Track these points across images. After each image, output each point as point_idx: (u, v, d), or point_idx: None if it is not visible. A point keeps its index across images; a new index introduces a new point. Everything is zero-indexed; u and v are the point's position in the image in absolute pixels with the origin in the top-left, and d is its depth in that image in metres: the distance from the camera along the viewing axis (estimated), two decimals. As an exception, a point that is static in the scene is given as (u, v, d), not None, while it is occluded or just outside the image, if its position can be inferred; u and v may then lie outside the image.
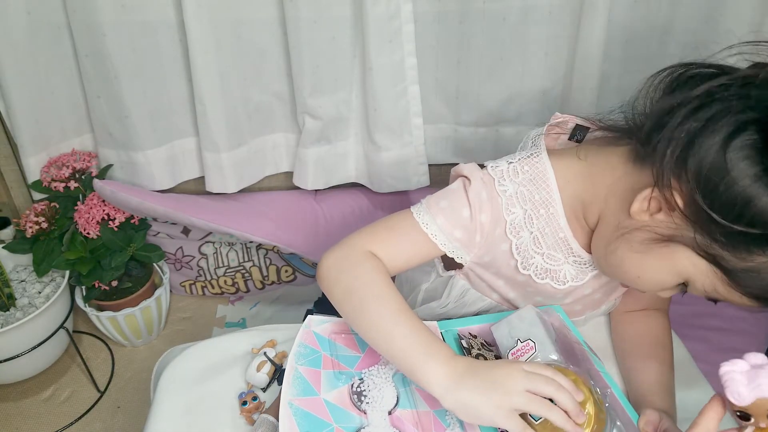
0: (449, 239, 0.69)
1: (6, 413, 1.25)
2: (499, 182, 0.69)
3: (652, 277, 0.62)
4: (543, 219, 0.69)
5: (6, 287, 1.21)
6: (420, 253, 0.71)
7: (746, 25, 1.15)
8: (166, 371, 0.77)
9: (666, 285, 0.61)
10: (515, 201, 0.69)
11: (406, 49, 1.14)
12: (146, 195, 1.22)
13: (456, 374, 0.58)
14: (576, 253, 0.71)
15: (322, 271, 0.69)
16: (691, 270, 0.57)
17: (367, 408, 0.61)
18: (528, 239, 0.70)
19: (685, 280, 0.59)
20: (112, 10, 1.07)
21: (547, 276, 0.72)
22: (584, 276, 0.72)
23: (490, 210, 0.69)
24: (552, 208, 0.69)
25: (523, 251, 0.70)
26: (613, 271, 0.66)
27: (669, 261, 0.59)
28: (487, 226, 0.69)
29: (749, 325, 1.32)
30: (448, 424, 0.61)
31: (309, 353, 0.66)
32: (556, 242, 0.70)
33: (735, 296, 0.56)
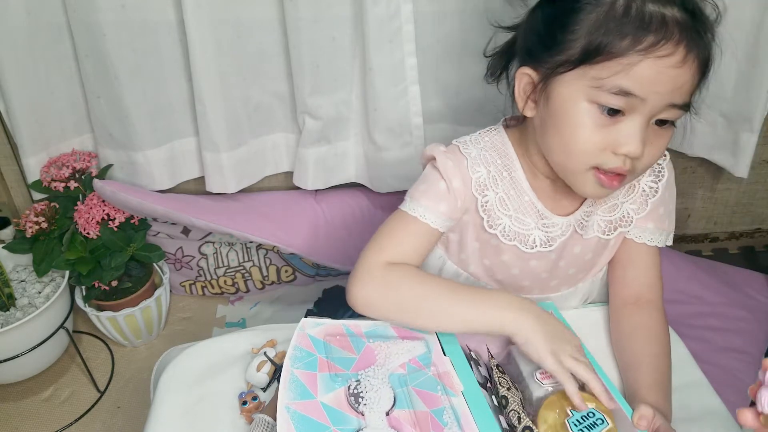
0: (437, 215, 0.76)
1: (6, 413, 1.25)
2: (463, 147, 0.79)
3: (571, 127, 0.68)
4: (507, 182, 0.78)
5: (6, 287, 1.22)
6: (423, 241, 0.77)
7: (746, 25, 1.15)
8: (166, 371, 0.77)
9: (583, 122, 0.67)
10: (479, 162, 0.78)
11: (406, 49, 1.14)
12: (146, 195, 1.22)
13: (526, 319, 0.69)
14: (544, 215, 0.78)
15: (360, 305, 0.74)
16: (572, 89, 0.67)
17: (365, 410, 0.61)
18: (494, 199, 0.77)
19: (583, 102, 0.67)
20: (112, 10, 1.07)
21: (515, 238, 0.78)
22: (553, 243, 0.78)
23: (459, 173, 0.77)
24: (514, 173, 0.78)
25: (489, 210, 0.77)
26: (566, 160, 0.71)
27: (561, 104, 0.68)
28: (461, 189, 0.77)
29: (749, 325, 1.32)
30: (445, 423, 0.61)
31: (304, 356, 0.66)
32: (523, 206, 0.78)
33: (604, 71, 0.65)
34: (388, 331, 0.72)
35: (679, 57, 0.63)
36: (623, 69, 0.64)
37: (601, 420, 0.63)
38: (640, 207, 0.80)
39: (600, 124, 0.67)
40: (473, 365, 0.70)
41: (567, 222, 0.78)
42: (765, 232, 1.62)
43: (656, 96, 0.65)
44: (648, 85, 0.64)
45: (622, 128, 0.66)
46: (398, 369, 0.67)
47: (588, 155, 0.68)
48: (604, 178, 0.69)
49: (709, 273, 1.39)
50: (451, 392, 0.65)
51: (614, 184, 0.70)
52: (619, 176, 0.69)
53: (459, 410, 0.63)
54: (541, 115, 0.72)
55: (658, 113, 0.66)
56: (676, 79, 0.64)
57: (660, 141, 0.69)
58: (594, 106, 0.66)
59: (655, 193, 0.80)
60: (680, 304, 1.32)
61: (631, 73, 0.63)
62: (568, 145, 0.69)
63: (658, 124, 0.68)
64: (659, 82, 0.64)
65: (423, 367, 0.68)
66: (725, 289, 1.36)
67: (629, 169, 0.68)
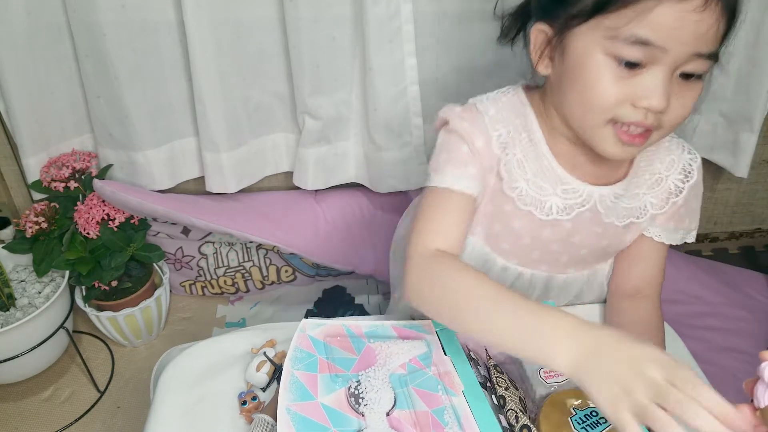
0: (468, 179, 0.72)
1: (6, 413, 1.25)
2: (480, 104, 0.75)
3: (587, 81, 0.65)
4: (525, 143, 0.74)
5: (6, 287, 1.22)
6: (463, 213, 0.73)
7: (746, 25, 1.15)
8: (165, 371, 0.77)
9: (600, 75, 0.64)
10: (497, 120, 0.74)
11: (406, 49, 1.14)
12: (146, 195, 1.22)
13: (579, 353, 0.53)
14: (564, 180, 0.74)
15: (410, 297, 0.68)
16: (587, 42, 0.64)
17: (365, 410, 0.61)
18: (512, 161, 0.73)
19: (599, 54, 0.63)
20: (112, 10, 1.07)
21: (530, 203, 0.74)
22: (570, 211, 0.74)
23: (479, 132, 0.73)
24: (533, 135, 0.74)
25: (509, 171, 0.73)
26: (584, 116, 0.68)
27: (578, 57, 0.65)
28: (484, 148, 0.73)
29: (749, 325, 1.32)
30: (446, 423, 0.61)
31: (305, 357, 0.66)
32: (542, 170, 0.74)
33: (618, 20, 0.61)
34: (389, 332, 0.72)
35: (699, 1, 0.59)
36: (638, 16, 0.60)
37: (604, 419, 0.63)
38: (660, 203, 0.77)
39: (618, 75, 0.63)
40: (473, 365, 0.70)
41: (589, 191, 0.74)
42: (765, 232, 1.62)
43: (678, 45, 0.60)
44: (667, 32, 0.60)
45: (643, 80, 0.62)
46: (399, 369, 0.67)
47: (606, 109, 0.65)
48: (622, 135, 0.65)
49: (709, 273, 1.39)
50: (452, 392, 0.65)
51: (636, 140, 0.66)
52: (642, 134, 0.65)
53: (460, 410, 0.63)
54: (557, 72, 0.69)
55: (682, 64, 0.62)
56: (698, 24, 0.59)
57: (688, 95, 0.65)
58: (610, 59, 0.63)
59: (679, 192, 0.77)
60: (680, 304, 1.32)
61: (648, 19, 0.59)
62: (585, 100, 0.66)
63: (684, 77, 0.64)
64: (679, 29, 0.59)
65: (423, 367, 0.68)
66: (725, 289, 1.36)
67: (653, 125, 0.64)
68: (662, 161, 0.78)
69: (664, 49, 0.60)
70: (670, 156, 0.78)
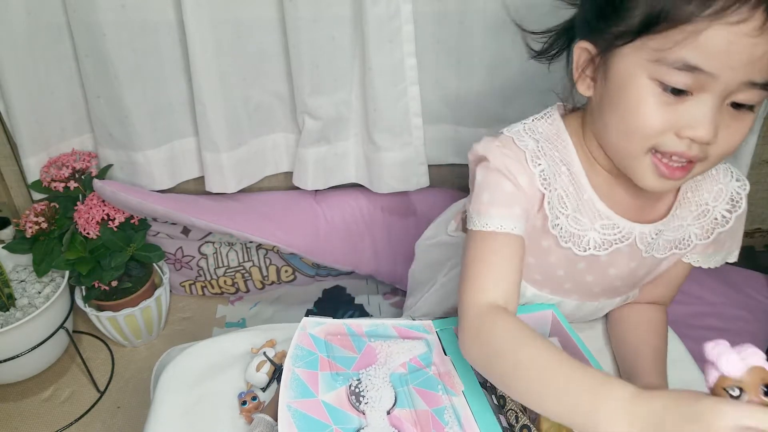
0: (515, 220, 0.67)
1: (6, 413, 1.25)
2: (519, 139, 0.69)
3: (629, 104, 0.60)
4: (565, 177, 0.69)
5: (6, 287, 1.22)
6: (515, 257, 0.67)
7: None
8: (165, 371, 0.77)
9: (644, 100, 0.59)
10: (538, 154, 0.68)
11: (406, 49, 1.14)
12: (146, 195, 1.22)
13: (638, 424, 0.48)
14: (604, 215, 0.69)
15: (467, 354, 0.64)
16: (632, 63, 0.59)
17: (366, 408, 0.61)
18: (554, 196, 0.68)
19: (644, 78, 0.59)
20: (112, 10, 1.07)
21: (570, 240, 0.70)
22: (608, 246, 0.70)
23: (521, 169, 0.67)
24: (572, 167, 0.69)
25: (553, 208, 0.69)
26: (623, 143, 0.63)
27: (620, 80, 0.61)
28: (528, 186, 0.68)
29: (749, 325, 1.31)
30: (446, 422, 0.61)
31: (305, 355, 0.66)
32: (581, 204, 0.69)
33: (666, 42, 0.56)
34: (389, 331, 0.72)
35: (756, 23, 0.53)
36: (687, 38, 0.54)
37: None
38: (705, 233, 0.74)
39: (663, 102, 0.58)
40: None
41: (629, 228, 0.70)
42: (765, 232, 1.62)
43: (729, 71, 0.55)
44: (718, 57, 0.54)
45: (690, 108, 0.57)
46: (399, 368, 0.67)
47: (648, 137, 0.60)
48: (662, 167, 0.61)
49: (709, 273, 1.38)
50: (452, 392, 0.65)
51: (677, 174, 0.61)
52: (683, 167, 0.61)
53: (460, 409, 0.63)
54: (599, 94, 0.64)
55: (733, 93, 0.57)
56: (753, 49, 0.54)
57: (737, 126, 0.59)
58: (655, 84, 0.58)
59: (726, 223, 0.73)
60: (680, 304, 1.32)
61: (697, 42, 0.54)
62: (625, 126, 0.61)
63: (735, 107, 0.58)
64: (732, 54, 0.54)
65: (424, 366, 0.68)
66: (725, 289, 1.36)
67: (698, 156, 0.60)
68: (710, 191, 0.73)
69: (713, 75, 0.55)
70: (717, 185, 0.74)
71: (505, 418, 0.65)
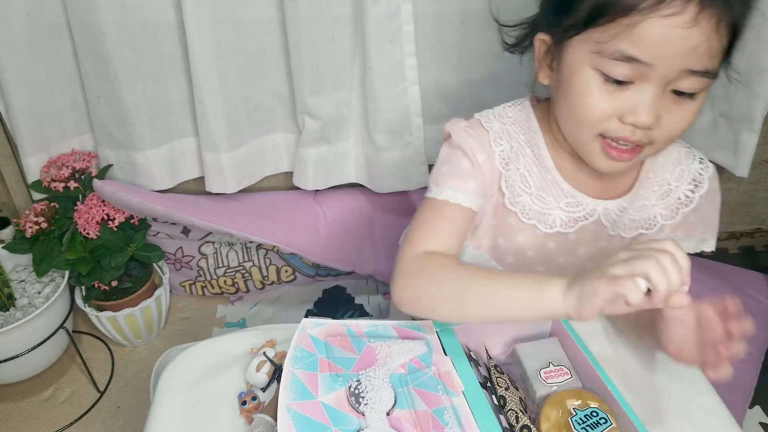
0: (467, 194, 0.72)
1: (6, 413, 1.25)
2: (486, 121, 0.75)
3: (577, 93, 0.65)
4: (529, 158, 0.74)
5: (6, 287, 1.22)
6: (459, 224, 0.72)
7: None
8: (165, 371, 0.77)
9: (589, 89, 0.64)
10: (502, 136, 0.74)
11: (406, 49, 1.14)
12: (146, 195, 1.22)
13: (564, 281, 0.58)
14: (568, 193, 0.74)
15: (400, 301, 0.69)
16: (578, 54, 0.64)
17: (366, 410, 0.61)
18: (515, 176, 0.74)
19: (588, 68, 0.63)
20: (112, 10, 1.07)
21: (534, 217, 0.74)
22: (574, 224, 0.74)
23: (482, 148, 0.73)
24: (538, 149, 0.74)
25: (511, 186, 0.74)
26: (574, 128, 0.69)
27: (569, 68, 0.66)
28: (487, 163, 0.73)
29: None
30: (446, 423, 0.61)
31: (305, 356, 0.66)
32: (545, 184, 0.74)
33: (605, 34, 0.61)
34: (389, 332, 0.72)
35: (689, 15, 0.57)
36: (625, 30, 0.59)
37: (604, 419, 0.63)
38: (670, 214, 0.76)
39: (606, 90, 0.63)
40: (473, 365, 0.70)
41: (593, 205, 0.74)
42: (765, 232, 1.62)
43: (665, 61, 0.59)
44: (653, 48, 0.59)
45: (631, 96, 0.62)
46: (399, 369, 0.67)
47: (593, 123, 0.65)
48: (611, 150, 0.66)
49: (709, 273, 1.39)
50: (452, 392, 0.65)
51: (624, 156, 0.66)
52: (630, 150, 0.65)
53: (460, 410, 0.63)
54: (554, 82, 0.70)
55: (673, 81, 0.61)
56: (687, 40, 0.58)
57: (681, 111, 0.63)
58: (598, 74, 0.63)
59: (690, 203, 0.76)
60: (680, 304, 1.32)
61: (634, 34, 0.59)
62: (574, 113, 0.67)
63: (678, 94, 0.62)
64: (667, 45, 0.58)
65: (424, 366, 0.68)
66: (725, 289, 1.36)
67: (642, 141, 0.64)
68: (672, 172, 0.76)
69: (650, 65, 0.59)
70: (679, 166, 0.77)
71: (506, 419, 0.65)
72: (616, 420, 0.64)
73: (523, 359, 0.72)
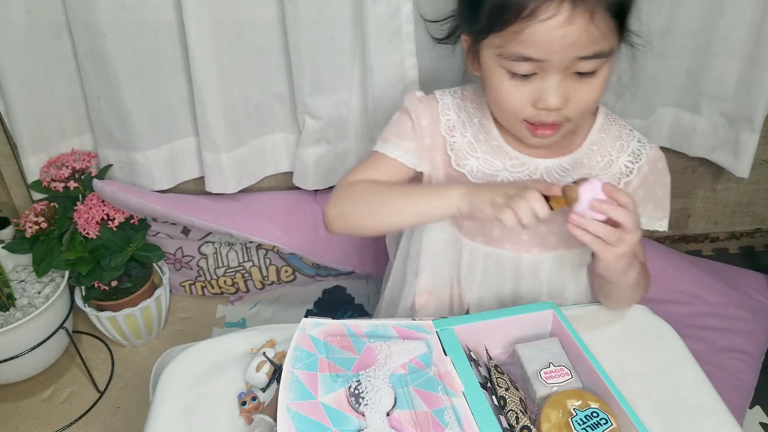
0: (405, 151, 0.85)
1: (6, 413, 1.25)
2: (440, 94, 0.88)
3: (494, 88, 0.76)
4: (476, 127, 0.85)
5: (6, 287, 1.22)
6: (392, 173, 0.86)
7: (746, 25, 1.15)
8: (165, 371, 0.77)
9: (502, 85, 0.74)
10: (450, 107, 0.87)
11: (406, 49, 1.14)
12: (146, 195, 1.22)
13: (463, 189, 0.75)
14: (512, 156, 0.83)
15: (332, 222, 0.85)
16: (488, 55, 0.74)
17: (366, 410, 0.61)
18: (462, 142, 0.85)
19: (497, 66, 0.74)
20: (112, 10, 1.06)
21: (483, 178, 0.84)
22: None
23: (429, 114, 0.85)
24: (485, 121, 0.85)
25: (457, 150, 0.85)
26: (500, 116, 0.81)
27: (485, 67, 0.76)
28: (430, 128, 0.85)
29: (749, 325, 1.32)
30: (446, 423, 0.61)
31: (305, 356, 0.66)
32: (492, 150, 0.84)
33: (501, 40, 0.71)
34: (389, 332, 0.72)
35: (563, 16, 0.67)
36: (515, 37, 0.69)
37: (605, 420, 0.63)
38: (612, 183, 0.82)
39: (515, 85, 0.73)
40: (473, 365, 0.70)
41: (536, 163, 0.82)
42: (765, 232, 1.62)
43: (555, 55, 0.69)
44: (541, 47, 0.68)
45: (538, 85, 0.72)
46: (399, 369, 0.67)
47: (514, 112, 0.76)
48: (536, 130, 0.76)
49: (709, 273, 1.39)
50: (452, 392, 0.65)
51: (547, 133, 0.76)
52: (551, 127, 0.76)
53: (460, 410, 0.63)
54: (481, 75, 0.80)
55: (570, 67, 0.70)
56: (567, 37, 0.67)
57: (586, 88, 0.73)
58: (505, 71, 0.73)
59: (630, 173, 0.83)
60: (680, 304, 1.32)
61: (522, 39, 0.68)
62: (496, 105, 0.79)
63: (580, 75, 0.72)
64: (550, 43, 0.68)
65: (424, 367, 0.68)
66: (725, 289, 1.36)
67: (557, 120, 0.74)
68: (613, 146, 0.85)
69: (544, 60, 0.69)
70: (619, 141, 0.85)
71: (506, 419, 0.65)
72: (617, 420, 0.64)
73: (523, 359, 0.72)
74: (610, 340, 0.82)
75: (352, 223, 0.84)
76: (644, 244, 0.85)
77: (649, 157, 0.84)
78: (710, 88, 1.23)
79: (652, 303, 0.92)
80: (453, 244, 0.89)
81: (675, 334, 0.83)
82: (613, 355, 0.80)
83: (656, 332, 0.83)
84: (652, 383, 0.75)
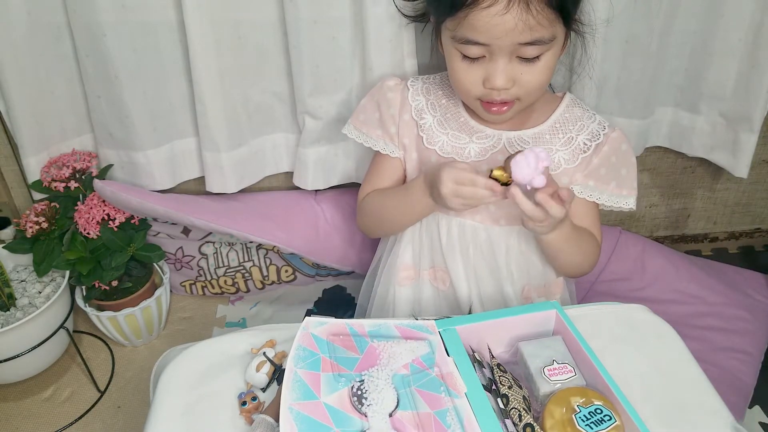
0: (375, 140, 0.99)
1: (6, 413, 1.25)
2: (412, 81, 0.99)
3: (451, 69, 0.86)
4: (444, 107, 0.95)
5: (6, 287, 1.22)
6: (391, 172, 1.01)
7: (745, 25, 1.15)
8: (165, 371, 0.77)
9: (457, 65, 0.84)
10: (420, 93, 0.97)
11: (406, 49, 1.14)
12: (146, 195, 1.22)
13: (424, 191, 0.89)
14: (477, 129, 0.93)
15: (363, 231, 1.07)
16: (445, 38, 0.84)
17: (368, 411, 0.61)
18: (432, 122, 0.95)
19: (452, 48, 0.83)
20: (112, 10, 1.06)
21: (452, 152, 0.93)
22: (485, 154, 0.92)
23: (399, 102, 0.97)
24: (452, 101, 0.95)
25: (428, 130, 0.95)
26: (459, 94, 0.91)
27: (445, 49, 0.87)
28: (396, 116, 0.96)
29: (749, 325, 1.32)
30: (449, 425, 0.61)
31: (308, 356, 0.66)
32: (459, 126, 0.94)
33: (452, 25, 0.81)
34: (392, 331, 0.72)
35: (501, 5, 0.74)
36: (462, 22, 0.77)
37: (608, 417, 0.63)
38: (571, 158, 0.92)
39: (467, 66, 0.82)
40: (477, 367, 0.70)
41: (498, 134, 0.92)
42: (765, 232, 1.62)
43: (495, 40, 0.77)
44: (483, 32, 0.76)
45: (486, 67, 0.81)
46: (401, 369, 0.67)
47: (468, 90, 0.85)
48: (490, 107, 0.85)
49: (709, 273, 1.39)
50: (455, 393, 0.65)
51: (502, 110, 0.85)
52: (504, 104, 0.84)
53: (462, 412, 0.63)
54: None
55: (514, 52, 0.79)
56: (505, 24, 0.75)
57: (532, 71, 0.81)
58: (459, 53, 0.82)
59: (587, 150, 0.91)
60: (680, 304, 1.32)
61: (467, 24, 0.77)
62: (453, 82, 0.88)
63: (524, 59, 0.79)
64: (490, 29, 0.75)
65: (426, 367, 0.68)
66: (725, 289, 1.36)
67: (507, 99, 0.83)
68: (573, 125, 0.94)
69: (487, 44, 0.78)
70: (580, 122, 0.94)
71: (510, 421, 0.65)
72: (621, 417, 0.64)
73: (526, 357, 0.72)
74: (610, 340, 0.82)
75: (376, 233, 1.06)
76: (599, 221, 0.97)
77: (610, 138, 0.92)
78: (709, 88, 1.24)
79: (652, 303, 0.92)
80: (431, 218, 0.98)
81: (675, 334, 0.83)
82: (613, 354, 0.80)
83: (656, 332, 0.83)
84: (652, 383, 0.75)
